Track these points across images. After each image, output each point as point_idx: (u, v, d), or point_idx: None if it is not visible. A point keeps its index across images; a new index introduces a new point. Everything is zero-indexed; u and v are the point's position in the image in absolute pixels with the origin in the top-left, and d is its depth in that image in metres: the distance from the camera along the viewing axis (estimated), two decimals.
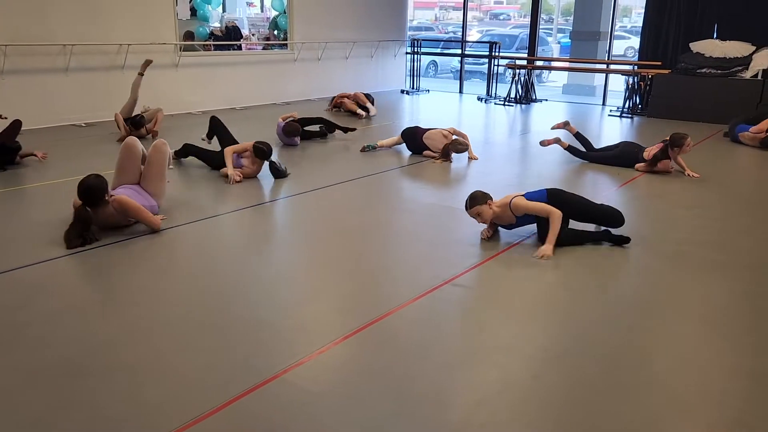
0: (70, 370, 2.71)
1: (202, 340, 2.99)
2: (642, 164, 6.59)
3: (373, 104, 10.36)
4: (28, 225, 4.65)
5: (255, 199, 5.44)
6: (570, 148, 7.00)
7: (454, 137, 7.13)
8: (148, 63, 7.91)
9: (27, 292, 3.50)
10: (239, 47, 11.85)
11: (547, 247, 4.15)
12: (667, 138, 6.53)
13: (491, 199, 4.44)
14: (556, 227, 4.20)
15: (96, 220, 4.29)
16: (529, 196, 4.42)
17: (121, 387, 2.60)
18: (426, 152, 7.21)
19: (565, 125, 7.24)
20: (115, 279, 3.75)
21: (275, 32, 12.35)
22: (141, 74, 7.87)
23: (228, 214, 4.99)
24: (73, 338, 2.99)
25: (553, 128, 7.38)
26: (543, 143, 7.03)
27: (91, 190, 4.19)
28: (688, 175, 6.41)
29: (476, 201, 4.38)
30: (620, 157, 6.80)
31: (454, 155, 7.08)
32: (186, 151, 6.61)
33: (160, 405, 2.49)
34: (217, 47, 11.39)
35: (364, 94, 10.48)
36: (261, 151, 5.97)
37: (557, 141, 6.95)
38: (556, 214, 4.22)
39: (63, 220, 4.47)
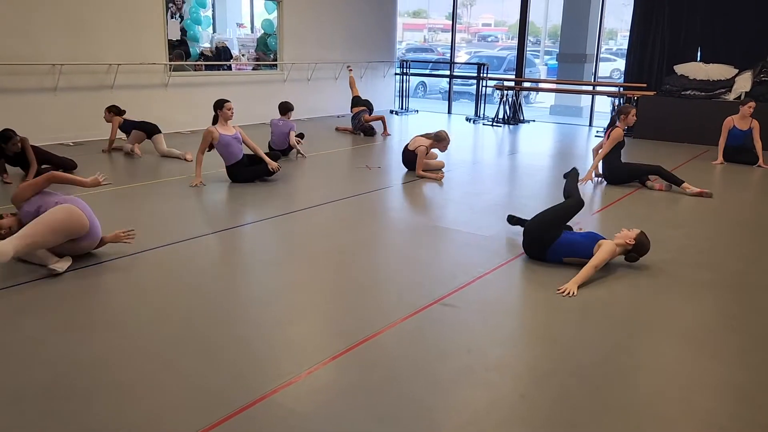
0: (53, 392, 2.68)
1: (188, 360, 2.97)
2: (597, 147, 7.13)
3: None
4: None
5: (243, 218, 5.44)
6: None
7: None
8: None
9: (10, 313, 3.46)
10: (229, 67, 11.90)
11: (572, 285, 3.96)
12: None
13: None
14: (588, 272, 4.05)
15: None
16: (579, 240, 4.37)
17: (105, 409, 2.57)
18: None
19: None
20: (99, 300, 3.72)
21: (265, 52, 12.44)
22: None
23: (215, 233, 4.98)
24: (57, 360, 2.96)
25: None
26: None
27: None
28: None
29: None
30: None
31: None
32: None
33: (145, 427, 2.46)
34: (207, 67, 11.43)
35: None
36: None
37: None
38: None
39: None
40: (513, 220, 5.02)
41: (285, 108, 8.37)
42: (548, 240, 4.35)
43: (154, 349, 3.08)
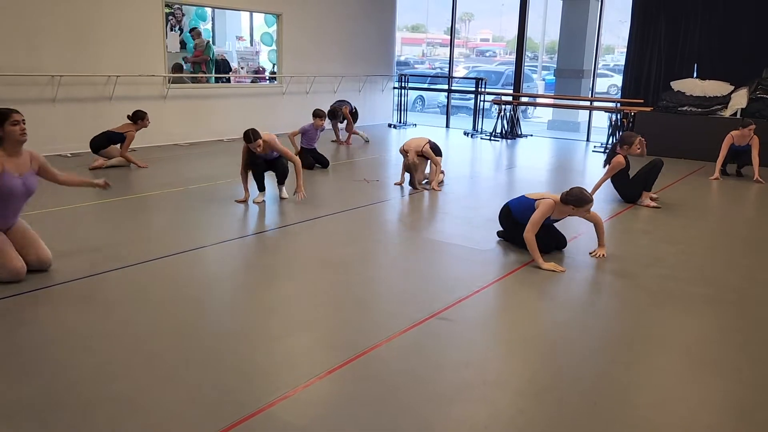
0: (50, 404, 2.66)
1: (185, 373, 2.96)
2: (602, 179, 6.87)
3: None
4: None
5: (240, 231, 5.43)
6: None
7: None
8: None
9: (7, 325, 3.44)
10: (228, 80, 11.94)
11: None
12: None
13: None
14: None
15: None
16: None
17: (104, 421, 2.55)
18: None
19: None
20: (97, 311, 3.70)
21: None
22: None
23: (213, 246, 4.97)
24: (55, 371, 2.94)
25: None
26: None
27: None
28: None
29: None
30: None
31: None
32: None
33: None
34: (206, 79, 11.47)
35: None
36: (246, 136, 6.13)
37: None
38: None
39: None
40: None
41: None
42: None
43: (153, 360, 3.07)
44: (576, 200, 4.62)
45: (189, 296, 3.94)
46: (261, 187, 6.46)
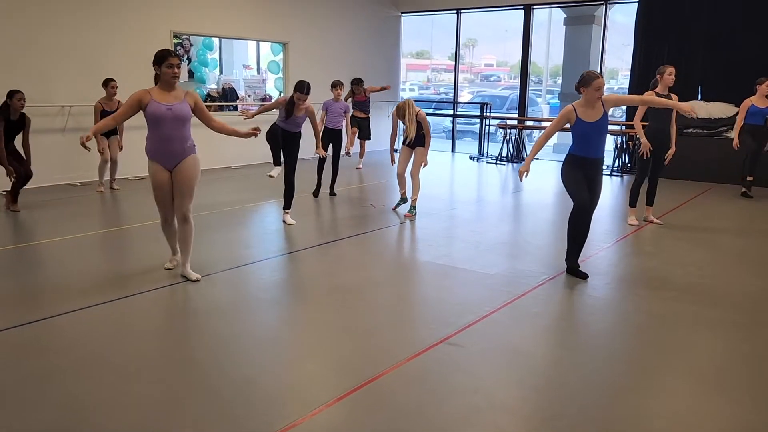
0: None
1: (193, 401, 2.95)
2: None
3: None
4: (19, 284, 4.62)
5: (247, 257, 5.44)
6: None
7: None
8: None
9: (16, 353, 3.45)
10: (235, 108, 12.08)
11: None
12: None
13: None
14: None
15: None
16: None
17: None
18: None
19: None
20: (105, 340, 3.70)
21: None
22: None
23: (221, 273, 4.98)
24: (62, 401, 2.94)
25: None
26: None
27: None
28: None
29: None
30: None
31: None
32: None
33: None
34: (214, 108, 11.60)
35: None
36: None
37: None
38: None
39: (56, 280, 4.43)
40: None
41: (334, 84, 9.02)
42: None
43: (161, 389, 3.06)
44: (580, 80, 4.85)
45: (196, 323, 3.94)
46: (277, 162, 6.70)
